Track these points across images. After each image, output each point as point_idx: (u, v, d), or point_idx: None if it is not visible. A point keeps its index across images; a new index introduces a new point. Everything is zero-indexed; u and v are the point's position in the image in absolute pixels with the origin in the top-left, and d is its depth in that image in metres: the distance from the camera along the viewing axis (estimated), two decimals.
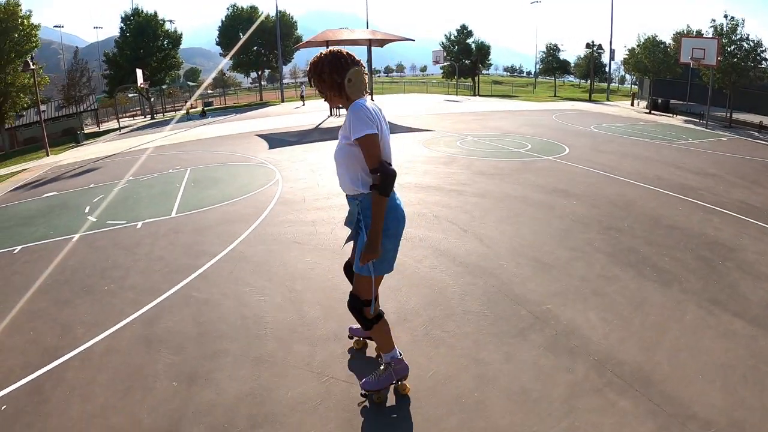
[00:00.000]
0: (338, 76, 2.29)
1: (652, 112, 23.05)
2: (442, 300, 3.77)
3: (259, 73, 46.06)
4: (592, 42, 38.79)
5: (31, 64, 19.98)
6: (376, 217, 2.23)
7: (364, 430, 2.47)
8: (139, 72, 26.81)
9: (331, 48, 2.41)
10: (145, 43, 32.00)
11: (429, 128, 15.30)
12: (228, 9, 41.99)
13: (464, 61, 40.92)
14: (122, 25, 32.94)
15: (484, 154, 10.37)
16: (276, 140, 14.32)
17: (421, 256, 4.66)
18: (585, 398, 2.57)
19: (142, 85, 27.97)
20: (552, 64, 44.67)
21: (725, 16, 19.77)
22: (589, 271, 4.25)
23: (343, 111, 2.88)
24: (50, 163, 15.46)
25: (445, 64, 41.18)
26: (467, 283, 4.05)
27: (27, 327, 3.94)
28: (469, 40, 41.71)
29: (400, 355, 2.67)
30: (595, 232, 5.31)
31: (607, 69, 44.04)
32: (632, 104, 28.11)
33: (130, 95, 40.50)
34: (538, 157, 10.07)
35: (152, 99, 34.97)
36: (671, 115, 22.02)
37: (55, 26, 75.85)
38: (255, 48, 41.95)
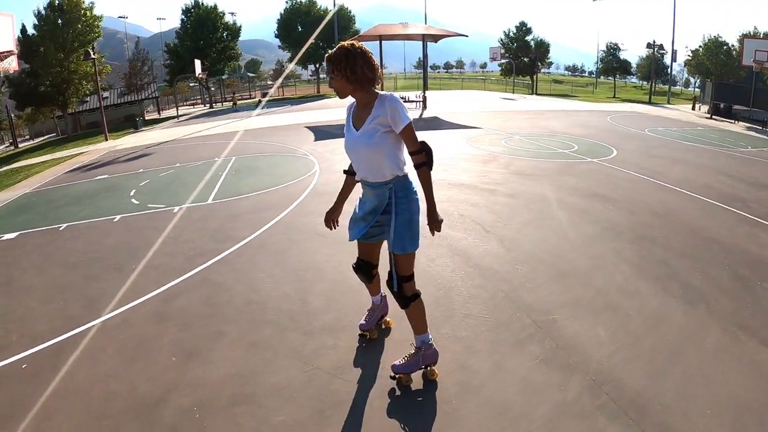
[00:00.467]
0: (370, 71, 2.37)
1: (714, 117, 21.21)
2: (445, 301, 3.65)
3: (317, 65, 46.81)
4: (653, 42, 36.28)
5: (91, 53, 21.31)
6: (430, 190, 2.44)
7: (334, 422, 2.46)
8: (197, 62, 27.95)
9: (352, 42, 2.43)
10: (204, 34, 33.21)
11: (477, 125, 14.90)
12: (287, 2, 42.84)
13: (522, 59, 39.56)
14: (183, 16, 34.28)
15: (526, 154, 9.97)
16: (323, 132, 14.49)
17: (435, 255, 4.55)
18: (570, 420, 2.38)
19: (200, 75, 29.14)
20: (612, 64, 42.29)
21: None
22: (608, 282, 3.96)
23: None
24: (108, 147, 16.48)
25: (503, 61, 40.03)
26: (475, 286, 3.90)
27: (58, 297, 4.25)
28: (528, 38, 40.25)
29: (431, 340, 2.71)
30: (625, 240, 4.94)
31: (669, 71, 41.11)
32: (693, 108, 26.04)
33: (191, 84, 42.34)
34: (583, 159, 9.55)
35: (212, 89, 36.37)
36: (733, 120, 20.17)
37: (119, 17, 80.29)
38: (313, 41, 42.61)
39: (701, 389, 2.62)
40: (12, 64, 7.88)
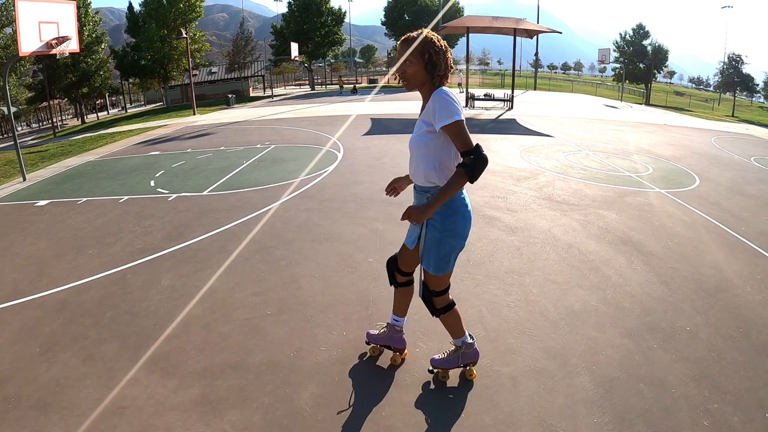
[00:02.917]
0: (446, 67, 2.12)
1: None
2: (233, 374, 2.63)
3: None
4: None
5: (183, 32, 22.46)
6: (446, 190, 2.06)
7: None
8: (293, 45, 28.25)
9: (433, 32, 2.13)
10: (309, 18, 33.37)
11: (550, 133, 12.78)
12: None
13: (638, 65, 34.07)
14: (290, 0, 34.55)
15: (579, 174, 8.02)
16: (381, 125, 13.66)
17: (323, 305, 3.44)
18: None
19: (295, 58, 29.39)
20: (733, 77, 34.58)
21: None
22: (535, 405, 2.48)
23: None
24: (188, 122, 17.27)
25: (616, 65, 34.95)
26: (325, 366, 2.74)
27: (24, 269, 4.35)
28: (645, 42, 34.49)
29: (472, 339, 2.57)
30: (622, 329, 3.12)
31: None
32: None
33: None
34: (649, 187, 7.37)
35: (313, 71, 36.68)
36: None
37: None
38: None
39: None
40: (69, 47, 8.15)
